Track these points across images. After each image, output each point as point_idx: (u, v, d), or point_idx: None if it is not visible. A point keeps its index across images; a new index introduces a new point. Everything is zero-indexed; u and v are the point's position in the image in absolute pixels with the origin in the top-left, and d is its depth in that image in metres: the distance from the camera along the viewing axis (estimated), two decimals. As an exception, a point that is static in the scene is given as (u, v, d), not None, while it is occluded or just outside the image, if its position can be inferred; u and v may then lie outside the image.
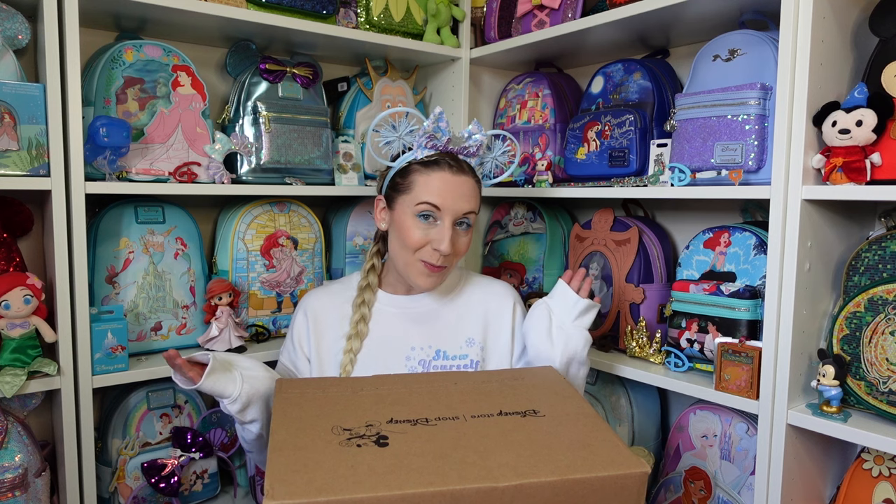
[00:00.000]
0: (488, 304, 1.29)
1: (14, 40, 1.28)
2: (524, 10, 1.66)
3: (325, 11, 1.57)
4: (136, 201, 1.46)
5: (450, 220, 1.16)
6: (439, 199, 1.16)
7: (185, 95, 1.45)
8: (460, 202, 1.17)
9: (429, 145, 1.18)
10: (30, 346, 1.24)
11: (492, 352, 1.26)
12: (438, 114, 1.17)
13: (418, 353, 1.22)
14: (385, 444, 0.83)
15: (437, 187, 1.16)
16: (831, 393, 1.13)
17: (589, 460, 0.82)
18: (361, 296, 1.26)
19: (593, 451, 0.84)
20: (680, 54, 1.63)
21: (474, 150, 1.21)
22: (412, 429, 0.88)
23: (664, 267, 1.53)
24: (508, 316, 1.29)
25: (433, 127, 1.17)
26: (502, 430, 0.88)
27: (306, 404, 0.94)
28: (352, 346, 1.21)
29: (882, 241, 1.20)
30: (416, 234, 1.16)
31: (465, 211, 1.18)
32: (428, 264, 1.17)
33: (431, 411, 0.93)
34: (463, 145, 1.20)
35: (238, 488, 1.58)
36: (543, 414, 0.94)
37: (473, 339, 1.25)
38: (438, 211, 1.16)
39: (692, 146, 1.32)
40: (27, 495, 1.24)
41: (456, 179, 1.17)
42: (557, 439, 0.86)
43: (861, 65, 1.22)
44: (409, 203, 1.18)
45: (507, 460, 0.80)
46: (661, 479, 1.47)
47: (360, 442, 0.83)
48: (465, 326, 1.26)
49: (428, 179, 1.17)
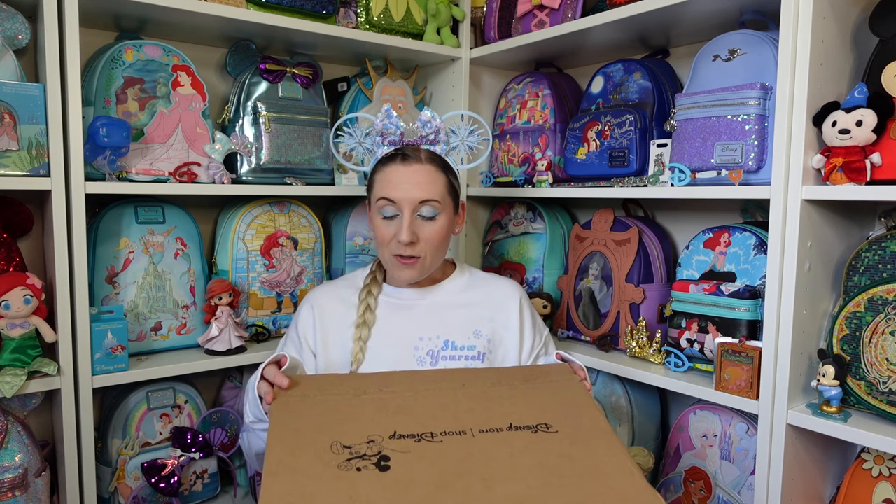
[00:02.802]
0: (495, 298, 1.29)
1: (14, 40, 1.28)
2: (524, 10, 1.66)
3: (325, 11, 1.57)
4: (136, 201, 1.46)
5: (408, 210, 1.18)
6: (392, 192, 1.18)
7: (185, 95, 1.45)
8: (413, 191, 1.18)
9: (386, 143, 1.23)
10: (30, 346, 1.24)
11: (498, 345, 1.26)
12: (386, 110, 1.20)
13: (426, 344, 1.22)
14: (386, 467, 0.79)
15: (388, 181, 1.19)
16: (831, 393, 1.13)
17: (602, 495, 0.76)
18: (367, 287, 1.27)
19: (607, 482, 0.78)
20: (680, 54, 1.63)
21: (433, 136, 1.23)
22: (416, 446, 0.83)
23: (664, 267, 1.53)
24: (515, 311, 1.29)
25: (383, 125, 1.21)
26: (511, 451, 0.83)
27: (305, 412, 0.90)
28: (360, 334, 1.21)
29: (882, 241, 1.20)
30: (382, 231, 1.20)
31: (420, 199, 1.18)
32: (398, 257, 1.20)
33: (437, 423, 0.88)
34: (420, 135, 1.23)
35: (238, 488, 1.58)
36: (556, 430, 0.88)
37: (480, 332, 1.25)
38: (394, 204, 1.18)
39: (692, 146, 1.32)
40: (27, 495, 1.24)
41: (407, 170, 1.19)
42: (570, 464, 0.81)
43: (861, 65, 1.22)
44: (373, 202, 1.23)
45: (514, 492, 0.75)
46: (661, 479, 1.47)
47: (360, 464, 0.79)
48: (473, 318, 1.26)
49: (382, 175, 1.21)
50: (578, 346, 1.59)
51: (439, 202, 1.19)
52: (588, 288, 1.59)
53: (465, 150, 1.30)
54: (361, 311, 1.24)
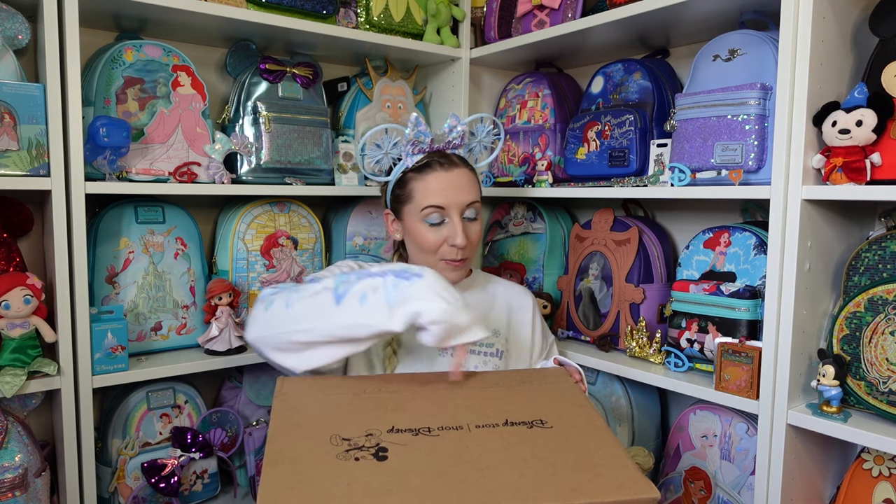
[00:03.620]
0: (511, 299, 1.33)
1: (14, 40, 1.28)
2: (524, 10, 1.66)
3: (325, 11, 1.57)
4: (136, 201, 1.46)
5: (457, 214, 1.19)
6: (440, 199, 1.18)
7: (185, 95, 1.45)
8: (461, 195, 1.19)
9: (416, 151, 1.22)
10: (30, 346, 1.24)
11: (514, 344, 1.30)
12: (415, 119, 1.20)
13: None
14: (384, 457, 0.80)
15: (434, 188, 1.19)
16: (831, 393, 1.13)
17: (595, 483, 0.77)
18: None
19: (600, 472, 0.79)
20: (680, 54, 1.63)
21: (458, 141, 1.25)
22: (413, 440, 0.85)
23: (664, 267, 1.53)
24: (529, 313, 1.33)
25: (414, 133, 1.20)
26: (506, 444, 0.85)
27: (306, 408, 0.92)
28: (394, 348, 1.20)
29: (882, 241, 1.20)
30: (430, 238, 1.19)
31: (467, 202, 1.20)
32: (449, 261, 1.21)
33: (434, 419, 0.90)
34: (447, 140, 1.24)
35: (238, 488, 1.58)
36: (551, 425, 0.90)
37: (499, 331, 1.28)
38: (443, 210, 1.19)
39: (692, 146, 1.32)
40: (27, 495, 1.24)
41: (450, 175, 1.20)
42: (564, 456, 0.82)
43: (861, 65, 1.22)
44: (415, 211, 1.20)
45: (508, 480, 0.77)
46: (661, 479, 1.47)
47: (359, 454, 0.80)
48: (492, 317, 1.29)
49: (424, 184, 1.20)
50: (578, 346, 1.59)
51: (479, 202, 1.24)
52: (588, 288, 1.59)
53: (482, 149, 1.34)
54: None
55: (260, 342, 1.02)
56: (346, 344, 0.98)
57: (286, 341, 0.99)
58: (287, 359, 1.00)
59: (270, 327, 1.00)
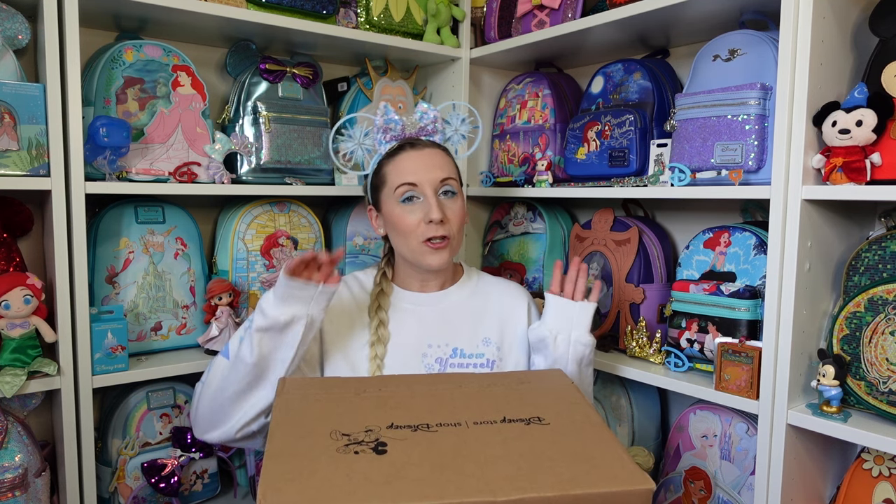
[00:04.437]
0: (503, 303, 1.29)
1: (14, 40, 1.28)
2: (524, 10, 1.66)
3: (325, 11, 1.57)
4: (136, 201, 1.46)
5: (431, 191, 1.18)
6: (412, 176, 1.18)
7: (185, 95, 1.45)
8: (433, 171, 1.19)
9: (388, 139, 1.23)
10: (30, 346, 1.24)
11: (508, 352, 1.26)
12: (384, 107, 1.21)
13: (435, 351, 1.21)
14: (383, 451, 0.82)
15: (405, 167, 1.20)
16: (831, 393, 1.13)
17: (592, 474, 0.79)
18: (377, 301, 1.24)
19: (597, 464, 0.81)
20: (680, 54, 1.63)
21: (431, 127, 1.25)
22: (412, 435, 0.86)
23: (664, 267, 1.53)
24: (524, 316, 1.29)
25: (383, 121, 1.21)
26: (504, 439, 0.86)
27: (307, 407, 0.93)
28: (377, 352, 1.19)
29: (882, 241, 1.20)
30: (407, 219, 1.18)
31: (440, 178, 1.19)
32: (430, 242, 1.18)
33: (433, 416, 0.91)
34: (420, 126, 1.24)
35: (238, 488, 1.58)
36: (548, 422, 0.91)
37: (490, 339, 1.25)
38: (416, 188, 1.18)
39: (692, 146, 1.32)
40: (27, 495, 1.24)
41: (421, 153, 1.21)
42: (561, 450, 0.84)
43: (861, 65, 1.22)
44: (389, 194, 1.21)
45: (506, 472, 0.78)
46: (661, 479, 1.47)
47: (358, 448, 0.82)
48: (482, 326, 1.26)
49: (396, 165, 1.21)
50: (578, 346, 1.59)
51: (456, 180, 1.23)
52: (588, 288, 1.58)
53: (459, 139, 1.33)
54: (374, 328, 1.21)
55: (212, 427, 1.14)
56: (257, 379, 1.09)
57: (222, 410, 1.11)
58: (231, 421, 1.12)
59: (210, 411, 1.13)
